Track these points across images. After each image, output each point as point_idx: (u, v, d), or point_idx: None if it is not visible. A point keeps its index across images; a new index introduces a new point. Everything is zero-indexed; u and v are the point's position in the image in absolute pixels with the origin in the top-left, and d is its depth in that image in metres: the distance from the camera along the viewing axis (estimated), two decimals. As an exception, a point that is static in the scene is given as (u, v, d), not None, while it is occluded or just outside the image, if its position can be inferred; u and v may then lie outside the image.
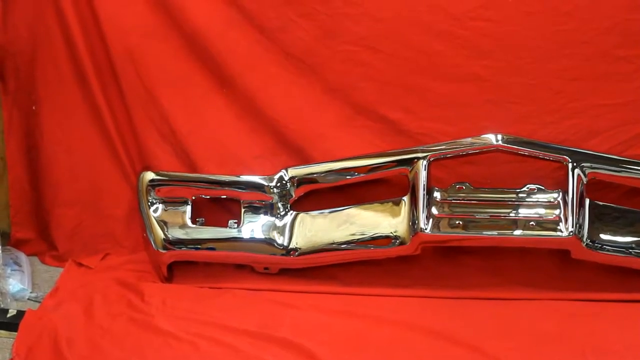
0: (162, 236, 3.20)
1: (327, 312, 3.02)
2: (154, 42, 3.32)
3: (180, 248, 3.21)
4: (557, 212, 3.04)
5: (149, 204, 3.22)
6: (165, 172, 3.26)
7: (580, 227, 3.00)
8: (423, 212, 3.05)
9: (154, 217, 3.21)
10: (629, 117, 3.16)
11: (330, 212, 3.21)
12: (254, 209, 3.22)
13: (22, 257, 3.43)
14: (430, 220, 3.06)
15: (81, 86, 3.36)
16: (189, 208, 3.23)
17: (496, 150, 3.05)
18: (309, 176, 3.19)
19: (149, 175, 3.23)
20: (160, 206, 3.23)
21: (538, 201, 3.08)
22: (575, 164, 3.00)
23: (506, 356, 2.72)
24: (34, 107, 3.40)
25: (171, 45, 3.32)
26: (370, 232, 3.14)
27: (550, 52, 3.17)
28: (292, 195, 3.21)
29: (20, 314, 3.03)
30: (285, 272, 3.23)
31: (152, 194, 3.22)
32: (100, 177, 3.41)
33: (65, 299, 3.13)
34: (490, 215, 3.08)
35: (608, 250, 3.03)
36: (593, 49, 3.16)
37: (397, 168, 3.12)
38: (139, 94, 3.33)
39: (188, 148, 3.33)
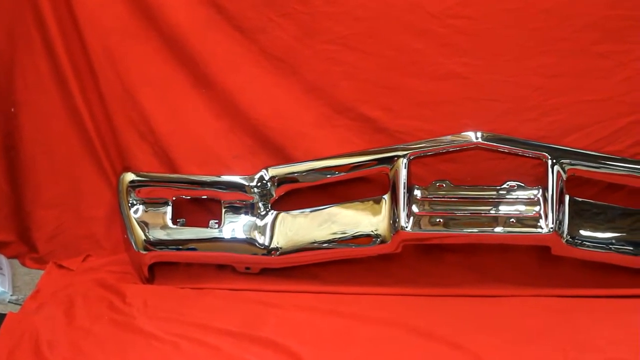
0: (143, 237, 3.19)
1: (309, 311, 3.02)
2: (133, 43, 3.32)
3: (161, 249, 3.20)
4: (537, 208, 3.05)
5: (130, 205, 3.21)
6: (146, 173, 3.25)
7: (560, 223, 3.01)
8: (404, 210, 3.05)
9: (135, 218, 3.20)
10: (608, 113, 3.17)
11: (311, 211, 3.21)
12: (235, 209, 3.22)
13: (2, 260, 3.41)
14: (411, 218, 3.06)
15: (60, 88, 3.35)
16: (169, 209, 3.23)
17: (476, 147, 3.05)
18: (290, 175, 3.19)
19: (129, 176, 3.22)
20: (141, 207, 3.23)
21: (518, 198, 3.09)
22: (554, 161, 3.01)
23: (487, 353, 2.73)
24: (12, 109, 3.38)
25: (150, 46, 3.31)
26: (351, 231, 3.15)
27: (529, 49, 3.17)
28: (272, 195, 3.20)
29: (0, 317, 3.02)
30: (267, 272, 3.23)
31: (132, 195, 3.21)
32: (80, 178, 3.40)
33: (46, 301, 3.12)
34: (471, 213, 3.08)
35: (588, 246, 3.03)
36: (572, 45, 3.16)
37: (377, 166, 3.12)
38: (118, 95, 3.32)
39: (168, 148, 3.32)
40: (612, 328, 2.84)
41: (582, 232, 3.05)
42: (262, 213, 3.21)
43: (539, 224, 3.03)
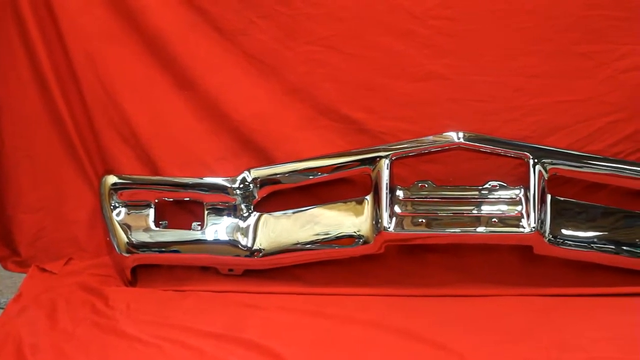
0: (126, 240, 3.18)
1: (292, 312, 3.02)
2: (115, 46, 3.31)
3: (144, 251, 3.19)
4: (519, 208, 3.06)
5: (112, 207, 3.20)
6: (128, 176, 3.25)
7: (542, 222, 3.02)
8: (386, 210, 3.05)
9: (117, 221, 3.20)
10: (589, 113, 3.19)
11: (294, 213, 3.21)
12: (217, 211, 3.22)
13: (-15, 263, 3.41)
14: (394, 218, 3.07)
15: (41, 91, 3.34)
16: (152, 211, 3.22)
17: (458, 148, 3.06)
18: (272, 177, 3.19)
19: (111, 179, 3.21)
20: (123, 210, 3.22)
21: (500, 198, 3.10)
22: (536, 161, 3.02)
23: (471, 352, 2.72)
24: (-6, 113, 3.38)
25: (132, 49, 3.31)
26: (334, 232, 3.15)
27: (511, 50, 3.19)
28: (255, 197, 3.20)
29: (-17, 320, 3.01)
30: (250, 274, 3.23)
31: (114, 197, 3.20)
32: (62, 182, 3.39)
33: (28, 304, 3.10)
34: (453, 213, 3.09)
35: (570, 246, 3.05)
36: (553, 46, 3.18)
37: (359, 167, 3.12)
38: (99, 98, 3.32)
39: (150, 151, 3.32)
40: (594, 327, 2.85)
41: (564, 232, 3.06)
42: (245, 215, 3.21)
43: (521, 223, 3.04)
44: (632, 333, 2.80)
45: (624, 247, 3.07)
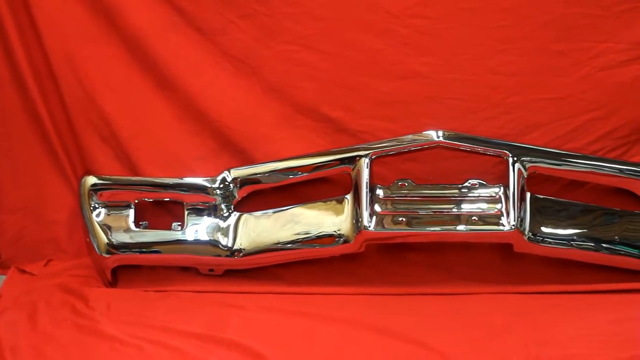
0: (106, 240, 3.18)
1: (273, 312, 3.02)
2: (94, 46, 3.30)
3: (124, 252, 3.19)
4: (498, 206, 3.07)
5: (92, 208, 3.19)
6: (108, 176, 3.24)
7: (522, 220, 3.03)
8: (366, 209, 3.06)
9: (97, 222, 3.19)
10: (567, 110, 3.20)
11: (274, 212, 3.21)
12: (198, 211, 3.22)
13: (-35, 265, 3.40)
14: (374, 217, 3.07)
15: (20, 92, 3.32)
16: (132, 211, 3.21)
17: (437, 146, 3.06)
18: (252, 177, 3.19)
19: (91, 180, 3.20)
20: (103, 210, 3.21)
21: (480, 196, 3.11)
22: (515, 159, 3.03)
23: (452, 350, 2.73)
24: (-28, 115, 3.37)
25: (111, 49, 3.30)
26: (314, 231, 3.15)
27: (488, 48, 3.19)
28: (235, 196, 3.20)
29: (-37, 322, 3.00)
30: (231, 274, 3.23)
31: (94, 198, 3.20)
32: (41, 182, 3.38)
33: (8, 306, 3.09)
34: (433, 211, 3.10)
35: (550, 243, 3.06)
36: (531, 44, 3.19)
37: (339, 167, 3.12)
38: (79, 99, 3.30)
39: (130, 151, 3.31)
40: (572, 323, 2.86)
41: (544, 229, 3.07)
42: (225, 215, 3.21)
43: (500, 221, 3.04)
44: (609, 329, 2.81)
45: (603, 245, 3.08)
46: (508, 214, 3.03)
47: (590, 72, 3.17)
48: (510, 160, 3.03)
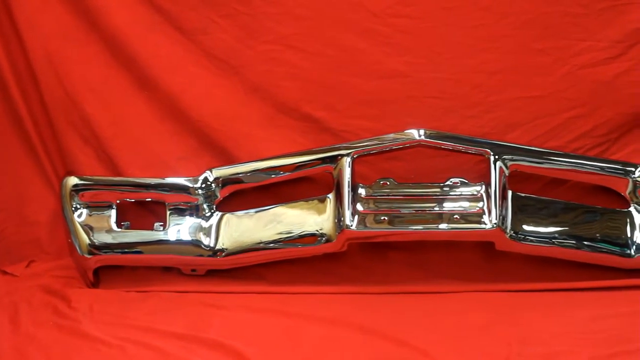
0: (88, 241, 3.17)
1: (255, 311, 3.02)
2: (74, 46, 3.29)
3: (106, 252, 3.18)
4: (480, 204, 3.07)
5: (73, 209, 3.19)
6: (89, 177, 3.23)
7: (504, 219, 3.03)
8: (348, 208, 3.06)
9: (79, 222, 3.18)
10: (548, 109, 3.20)
11: (257, 212, 3.21)
12: (180, 211, 3.21)
13: (-54, 267, 3.38)
14: (356, 216, 3.07)
15: (0, 93, 3.31)
16: (113, 212, 3.21)
17: (419, 145, 3.07)
18: (234, 176, 3.19)
19: (72, 180, 3.19)
20: (85, 211, 3.20)
21: (462, 194, 3.11)
22: (497, 157, 3.04)
23: (434, 349, 2.73)
24: (-47, 115, 3.36)
25: (92, 49, 3.29)
26: (296, 231, 3.15)
27: (469, 47, 3.20)
28: (217, 196, 3.20)
29: (-56, 324, 2.99)
30: (213, 274, 3.23)
31: (75, 199, 3.19)
32: (22, 183, 3.37)
33: (-10, 308, 3.09)
34: (415, 210, 3.10)
35: (531, 241, 3.07)
36: (512, 42, 3.19)
37: (321, 166, 3.13)
38: (60, 99, 3.29)
39: (111, 152, 3.30)
40: (554, 321, 2.87)
41: (525, 227, 3.08)
42: (207, 214, 3.21)
43: (482, 219, 3.05)
44: (591, 327, 2.82)
45: (585, 242, 3.09)
46: (490, 212, 3.04)
47: (570, 70, 3.18)
48: (492, 158, 3.04)
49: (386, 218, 3.09)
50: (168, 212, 3.21)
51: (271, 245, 3.16)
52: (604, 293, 3.06)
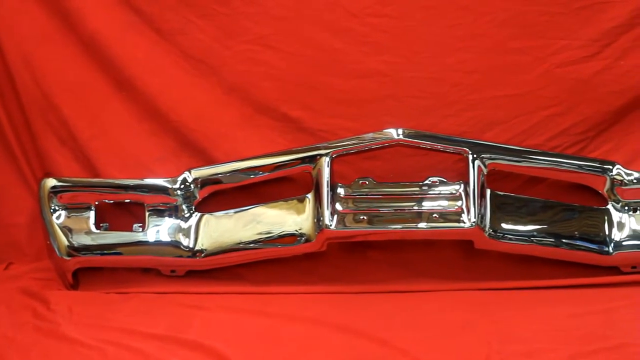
0: (66, 243, 3.16)
1: (235, 312, 3.01)
2: (52, 48, 3.28)
3: (85, 254, 3.17)
4: (459, 203, 3.08)
5: (52, 211, 3.18)
6: (67, 178, 3.22)
7: (483, 217, 3.04)
8: (327, 208, 3.06)
9: (57, 224, 3.17)
10: (526, 107, 3.21)
11: (236, 212, 3.21)
12: (159, 212, 3.21)
13: None
14: (335, 216, 3.07)
15: (-23, 95, 3.31)
16: (92, 213, 3.20)
17: (397, 144, 3.07)
18: (213, 177, 3.18)
19: (51, 182, 3.18)
20: (63, 213, 3.19)
21: (440, 193, 3.12)
22: (475, 156, 3.04)
23: (414, 348, 2.73)
24: None
25: (69, 50, 3.28)
26: (276, 231, 3.15)
27: (447, 46, 3.21)
28: (196, 197, 3.19)
29: None
30: (193, 274, 3.22)
31: (54, 200, 3.18)
32: (0, 185, 3.36)
33: (-32, 311, 3.08)
34: (395, 209, 3.10)
35: (510, 239, 3.07)
36: (490, 41, 3.20)
37: (300, 166, 3.12)
38: (37, 101, 3.28)
39: (89, 153, 3.29)
40: (533, 319, 2.87)
41: (504, 226, 3.09)
42: (186, 215, 3.20)
43: (461, 218, 3.06)
44: (570, 324, 2.83)
45: (563, 240, 3.11)
46: (468, 211, 3.05)
47: (548, 68, 3.19)
48: (470, 157, 3.04)
49: (365, 217, 3.09)
50: (147, 213, 3.21)
51: (251, 245, 3.16)
52: (582, 290, 3.07)
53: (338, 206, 3.09)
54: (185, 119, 3.27)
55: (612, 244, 3.10)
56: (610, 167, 3.11)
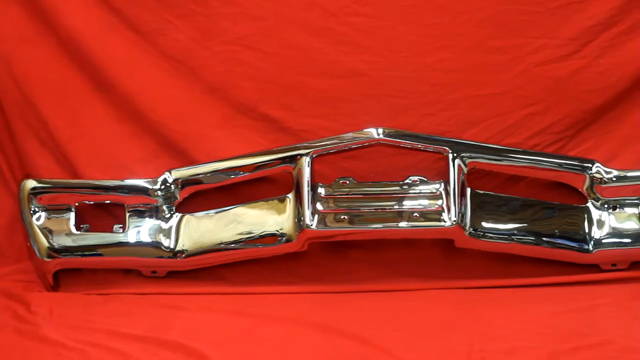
0: (47, 244, 3.16)
1: (216, 312, 3.01)
2: (31, 48, 3.27)
3: (66, 256, 3.17)
4: (439, 202, 3.09)
5: (32, 212, 3.17)
6: (47, 180, 3.21)
7: (463, 216, 3.05)
8: (308, 208, 3.06)
9: (37, 226, 3.16)
10: (505, 106, 3.22)
11: (217, 213, 3.20)
12: (139, 213, 3.20)
13: None
14: (316, 216, 3.08)
15: (-44, 95, 3.30)
16: (72, 215, 3.19)
17: (377, 143, 3.07)
18: (193, 177, 3.18)
19: (31, 184, 3.17)
20: (44, 214, 3.19)
21: (421, 192, 3.12)
22: (455, 155, 3.05)
23: (396, 347, 2.73)
24: None
25: (49, 51, 3.27)
26: (257, 231, 3.15)
27: (426, 45, 3.21)
28: (177, 198, 3.19)
29: None
30: (173, 275, 3.22)
31: (34, 202, 3.17)
32: (-21, 187, 3.35)
33: (-52, 313, 3.06)
34: (375, 209, 3.11)
35: (491, 238, 3.08)
36: (468, 40, 3.21)
37: (281, 166, 3.12)
38: (17, 102, 3.27)
39: (69, 154, 3.27)
40: (515, 317, 2.89)
41: (485, 224, 3.10)
42: (167, 216, 3.20)
43: (442, 217, 3.07)
44: (551, 322, 2.85)
45: (544, 238, 3.12)
46: (449, 209, 3.05)
47: (527, 67, 3.20)
48: (450, 156, 3.05)
49: (346, 217, 3.09)
50: (127, 214, 3.20)
51: (231, 245, 3.16)
52: (563, 288, 3.09)
53: (319, 206, 3.10)
54: (166, 120, 3.26)
55: (592, 242, 3.11)
56: (590, 165, 3.12)
